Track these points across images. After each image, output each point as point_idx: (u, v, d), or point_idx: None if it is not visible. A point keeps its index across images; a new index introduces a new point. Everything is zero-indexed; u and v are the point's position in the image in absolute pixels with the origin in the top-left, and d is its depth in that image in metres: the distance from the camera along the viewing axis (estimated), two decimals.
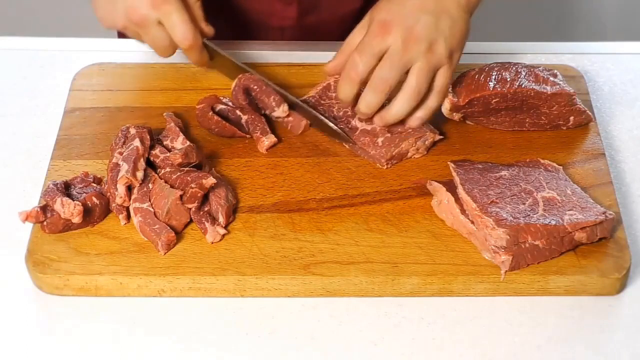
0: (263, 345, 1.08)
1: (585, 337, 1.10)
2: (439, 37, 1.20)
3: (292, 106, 1.28)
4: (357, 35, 1.24)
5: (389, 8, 1.21)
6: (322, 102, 1.29)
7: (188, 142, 1.22)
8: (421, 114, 1.23)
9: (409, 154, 1.25)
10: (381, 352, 1.08)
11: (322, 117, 1.26)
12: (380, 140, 1.24)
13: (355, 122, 1.27)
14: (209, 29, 1.30)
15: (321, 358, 1.08)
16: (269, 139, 1.25)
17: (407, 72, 1.20)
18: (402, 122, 1.24)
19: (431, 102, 1.23)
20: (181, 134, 1.23)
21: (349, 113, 1.28)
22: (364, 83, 1.21)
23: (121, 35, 1.57)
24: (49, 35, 1.45)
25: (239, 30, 1.51)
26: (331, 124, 1.26)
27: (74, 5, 2.63)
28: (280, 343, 1.09)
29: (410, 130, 1.24)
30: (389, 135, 1.24)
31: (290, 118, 1.28)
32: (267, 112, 1.28)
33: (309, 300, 1.12)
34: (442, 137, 1.26)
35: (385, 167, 1.24)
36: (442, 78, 1.22)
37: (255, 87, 1.28)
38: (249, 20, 1.51)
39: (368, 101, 1.21)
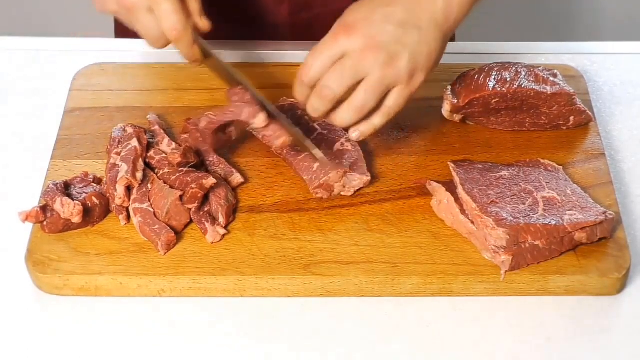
0: (263, 345, 1.08)
1: (585, 337, 1.10)
2: (403, 51, 1.12)
3: (274, 116, 1.20)
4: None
5: (358, 11, 1.15)
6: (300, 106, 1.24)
7: (174, 144, 1.21)
8: (363, 128, 1.16)
9: (335, 190, 1.19)
10: (381, 352, 1.08)
11: (302, 137, 1.20)
12: (315, 165, 1.20)
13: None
14: (203, 24, 1.20)
15: (321, 358, 1.08)
16: (235, 179, 1.21)
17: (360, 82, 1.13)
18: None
19: (376, 120, 1.16)
20: (166, 136, 1.23)
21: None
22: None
23: (120, 34, 1.56)
24: (49, 35, 1.45)
25: (231, 27, 1.49)
26: (310, 146, 1.19)
27: (74, 5, 2.63)
28: (280, 343, 1.09)
29: (344, 162, 1.20)
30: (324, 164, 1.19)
31: (269, 132, 1.20)
32: (248, 126, 1.22)
33: (309, 300, 1.12)
34: (369, 178, 1.20)
35: (316, 195, 1.19)
36: (394, 98, 1.14)
37: (236, 98, 1.20)
38: (241, 18, 1.49)
39: (313, 106, 1.15)
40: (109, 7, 1.19)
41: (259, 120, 1.18)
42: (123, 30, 1.55)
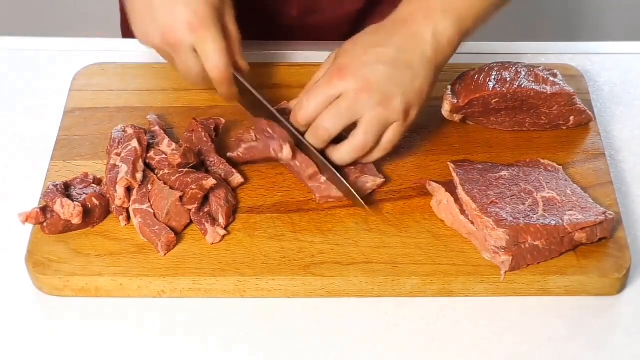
0: (263, 345, 1.08)
1: (585, 337, 1.10)
2: (397, 90, 1.15)
3: (299, 145, 1.21)
4: (321, 72, 1.21)
5: (351, 52, 1.17)
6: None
7: (174, 145, 1.21)
8: (364, 161, 1.20)
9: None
10: (381, 352, 1.08)
11: (328, 165, 1.20)
12: (323, 179, 1.20)
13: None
14: (244, 65, 1.24)
15: (321, 358, 1.08)
16: (236, 179, 1.21)
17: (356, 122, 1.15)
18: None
19: (373, 155, 1.19)
20: (166, 136, 1.23)
21: None
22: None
23: (127, 35, 1.56)
24: (49, 35, 1.45)
25: (239, 29, 1.49)
26: (341, 180, 1.19)
27: (74, 5, 2.64)
28: (280, 343, 1.09)
29: (354, 169, 1.20)
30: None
31: (297, 162, 1.20)
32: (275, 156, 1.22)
33: (309, 301, 1.12)
34: (382, 180, 1.20)
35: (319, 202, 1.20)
36: (391, 135, 1.17)
37: (269, 130, 1.21)
38: (249, 20, 1.50)
39: (309, 143, 1.18)
40: (152, 40, 1.21)
41: (285, 153, 1.19)
42: (130, 30, 1.55)
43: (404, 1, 1.21)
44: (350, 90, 1.15)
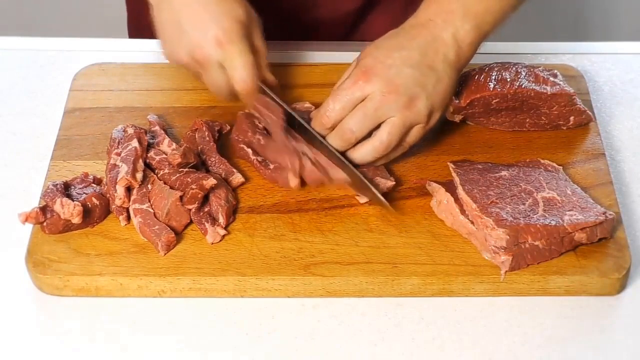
0: (263, 345, 1.08)
1: (585, 337, 1.10)
2: (421, 93, 1.16)
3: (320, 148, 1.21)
4: (344, 77, 1.21)
5: (375, 55, 1.18)
6: None
7: (174, 144, 1.22)
8: (380, 162, 1.21)
9: (362, 199, 1.19)
10: (381, 352, 1.08)
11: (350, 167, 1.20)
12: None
13: None
14: (271, 79, 1.26)
15: (321, 358, 1.08)
16: (236, 179, 1.21)
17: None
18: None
19: (393, 154, 1.20)
20: (167, 136, 1.23)
21: None
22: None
23: (134, 35, 1.57)
24: (49, 35, 1.45)
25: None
26: (366, 184, 1.19)
27: (74, 5, 2.64)
28: (280, 343, 1.09)
29: (366, 171, 1.20)
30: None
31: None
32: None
33: (309, 301, 1.12)
34: (393, 182, 1.20)
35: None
36: (412, 136, 1.19)
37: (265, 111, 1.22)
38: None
39: (333, 144, 1.19)
40: (180, 57, 1.23)
41: (292, 183, 1.20)
42: (137, 29, 1.55)
43: (422, 5, 1.22)
44: (377, 92, 1.15)
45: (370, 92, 1.16)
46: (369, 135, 1.18)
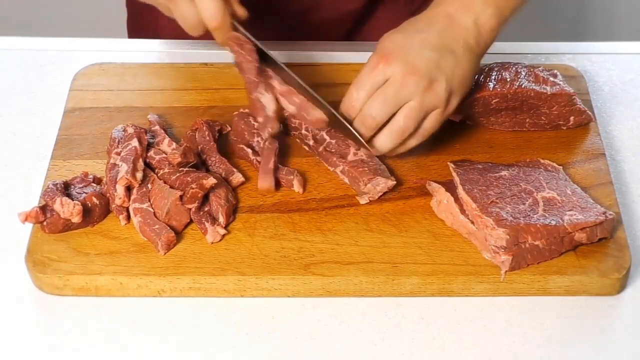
0: (263, 345, 1.08)
1: (585, 337, 1.10)
2: (441, 76, 1.15)
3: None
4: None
5: (394, 39, 1.17)
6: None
7: (174, 144, 1.22)
8: (399, 150, 1.20)
9: (362, 200, 1.19)
10: (381, 352, 1.08)
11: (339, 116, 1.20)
12: (339, 169, 1.22)
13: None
14: (242, 12, 1.22)
15: (321, 358, 1.08)
16: (236, 179, 1.21)
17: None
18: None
19: (411, 142, 1.19)
20: (167, 136, 1.23)
21: None
22: None
23: (133, 35, 1.56)
24: (49, 35, 1.45)
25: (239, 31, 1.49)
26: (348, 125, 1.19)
27: (74, 5, 2.64)
28: (280, 343, 1.09)
29: (367, 170, 1.20)
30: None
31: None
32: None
33: (309, 300, 1.12)
34: (394, 182, 1.20)
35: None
36: (431, 121, 1.18)
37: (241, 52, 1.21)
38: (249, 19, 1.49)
39: (357, 133, 1.18)
40: None
41: (266, 136, 1.21)
42: (137, 29, 1.55)
43: None
44: (397, 74, 1.14)
45: (390, 74, 1.15)
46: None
